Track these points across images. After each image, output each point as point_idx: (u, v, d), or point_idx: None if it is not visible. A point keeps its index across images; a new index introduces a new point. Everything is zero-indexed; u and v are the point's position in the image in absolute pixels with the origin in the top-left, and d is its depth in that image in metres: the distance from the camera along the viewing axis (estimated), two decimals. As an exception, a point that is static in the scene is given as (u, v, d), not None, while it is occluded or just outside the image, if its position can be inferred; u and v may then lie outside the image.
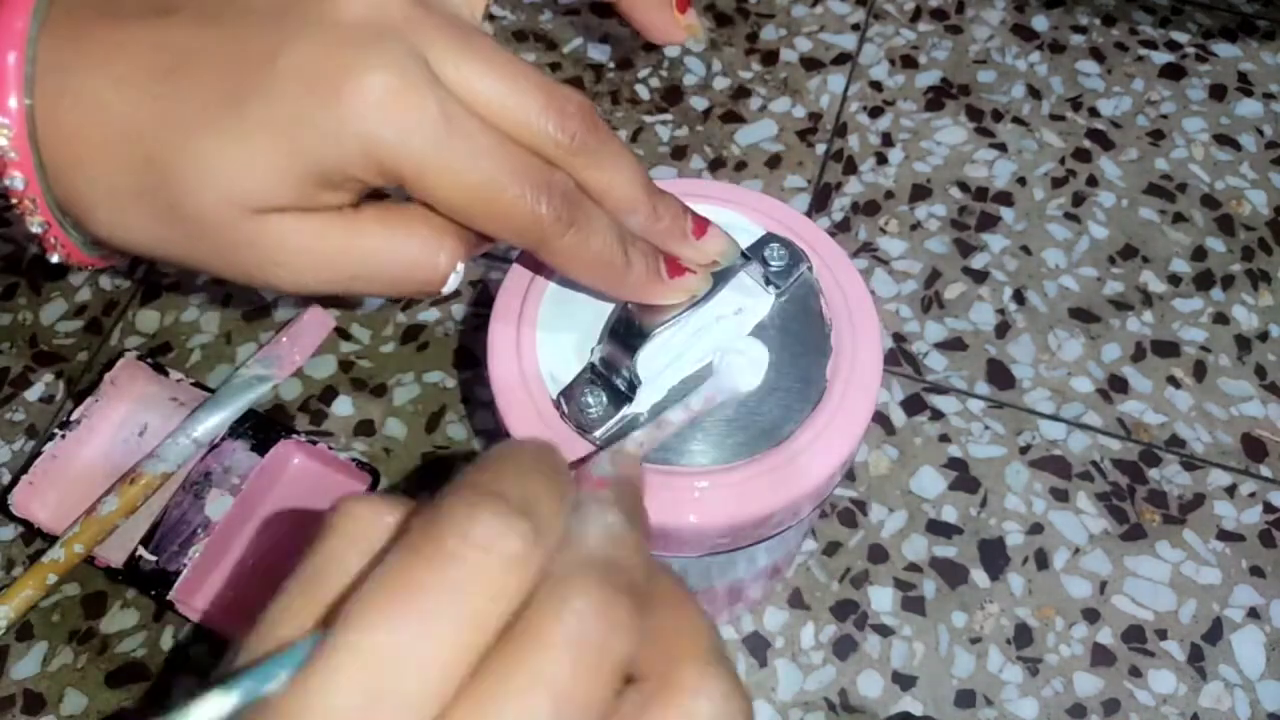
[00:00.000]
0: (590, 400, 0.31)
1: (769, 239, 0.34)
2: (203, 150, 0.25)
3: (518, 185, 0.26)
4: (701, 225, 0.32)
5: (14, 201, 0.28)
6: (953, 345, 0.51)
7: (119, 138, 0.26)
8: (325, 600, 0.19)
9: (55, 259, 0.29)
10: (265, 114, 0.25)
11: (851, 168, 0.56)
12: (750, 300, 0.33)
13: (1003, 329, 0.51)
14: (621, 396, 0.31)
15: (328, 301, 0.51)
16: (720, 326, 0.33)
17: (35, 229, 0.28)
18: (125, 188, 0.26)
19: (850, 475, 0.48)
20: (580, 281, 0.29)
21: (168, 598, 0.42)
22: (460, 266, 0.28)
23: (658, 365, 0.32)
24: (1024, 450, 0.48)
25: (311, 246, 0.27)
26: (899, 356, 0.51)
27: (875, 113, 0.58)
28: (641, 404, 0.31)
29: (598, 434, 0.31)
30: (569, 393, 0.31)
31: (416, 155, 0.25)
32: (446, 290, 0.29)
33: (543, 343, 0.33)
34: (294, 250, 0.27)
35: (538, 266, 0.34)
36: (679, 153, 0.57)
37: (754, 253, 0.33)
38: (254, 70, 0.25)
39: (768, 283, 0.33)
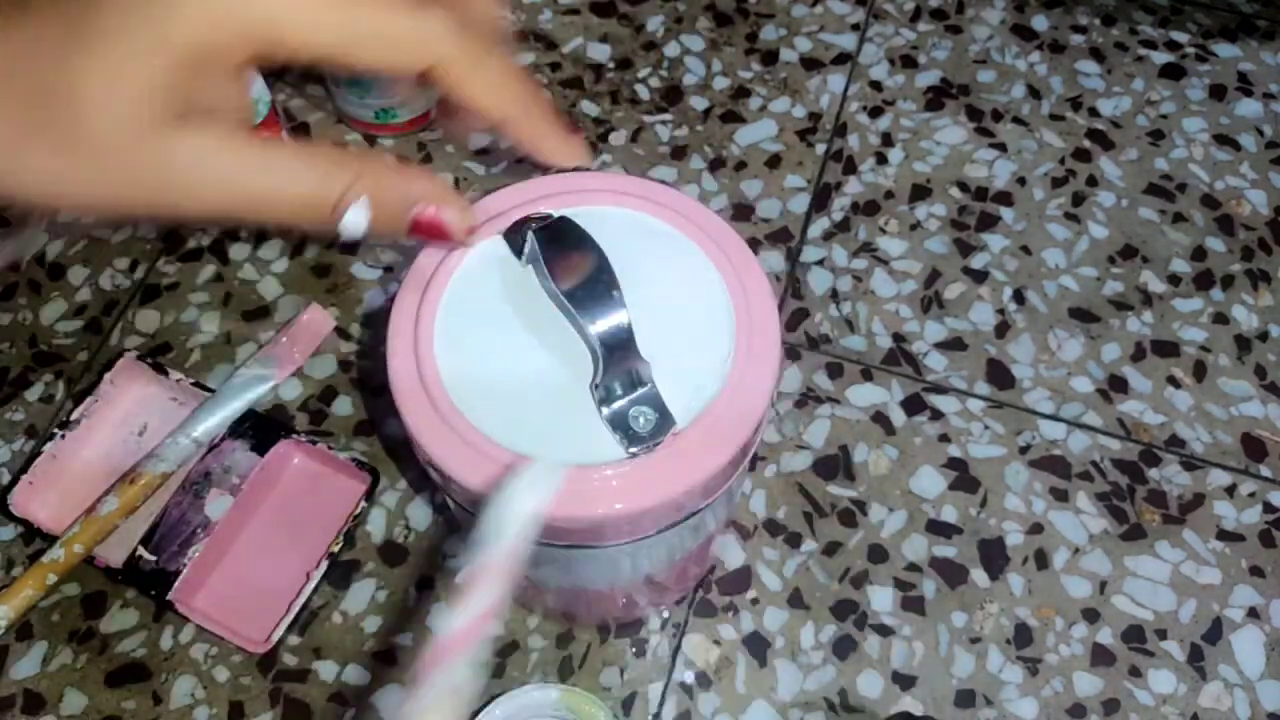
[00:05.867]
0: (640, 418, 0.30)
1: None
2: (79, 70, 0.25)
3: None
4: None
5: None
6: (953, 345, 0.51)
7: (3, 80, 0.26)
8: None
9: None
10: (119, 18, 0.25)
11: (851, 168, 0.56)
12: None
13: (1003, 329, 0.51)
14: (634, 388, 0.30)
15: (325, 300, 0.51)
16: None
17: None
18: (17, 128, 0.26)
19: (850, 475, 0.48)
20: (494, 112, 0.29)
21: (168, 598, 0.42)
22: (361, 210, 0.28)
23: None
24: (1024, 450, 0.48)
25: (213, 162, 0.26)
26: (899, 356, 0.51)
27: (875, 113, 0.58)
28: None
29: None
30: (616, 421, 0.30)
31: None
32: (345, 231, 0.28)
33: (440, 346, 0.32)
34: (195, 165, 0.26)
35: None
36: (679, 153, 0.57)
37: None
38: None
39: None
